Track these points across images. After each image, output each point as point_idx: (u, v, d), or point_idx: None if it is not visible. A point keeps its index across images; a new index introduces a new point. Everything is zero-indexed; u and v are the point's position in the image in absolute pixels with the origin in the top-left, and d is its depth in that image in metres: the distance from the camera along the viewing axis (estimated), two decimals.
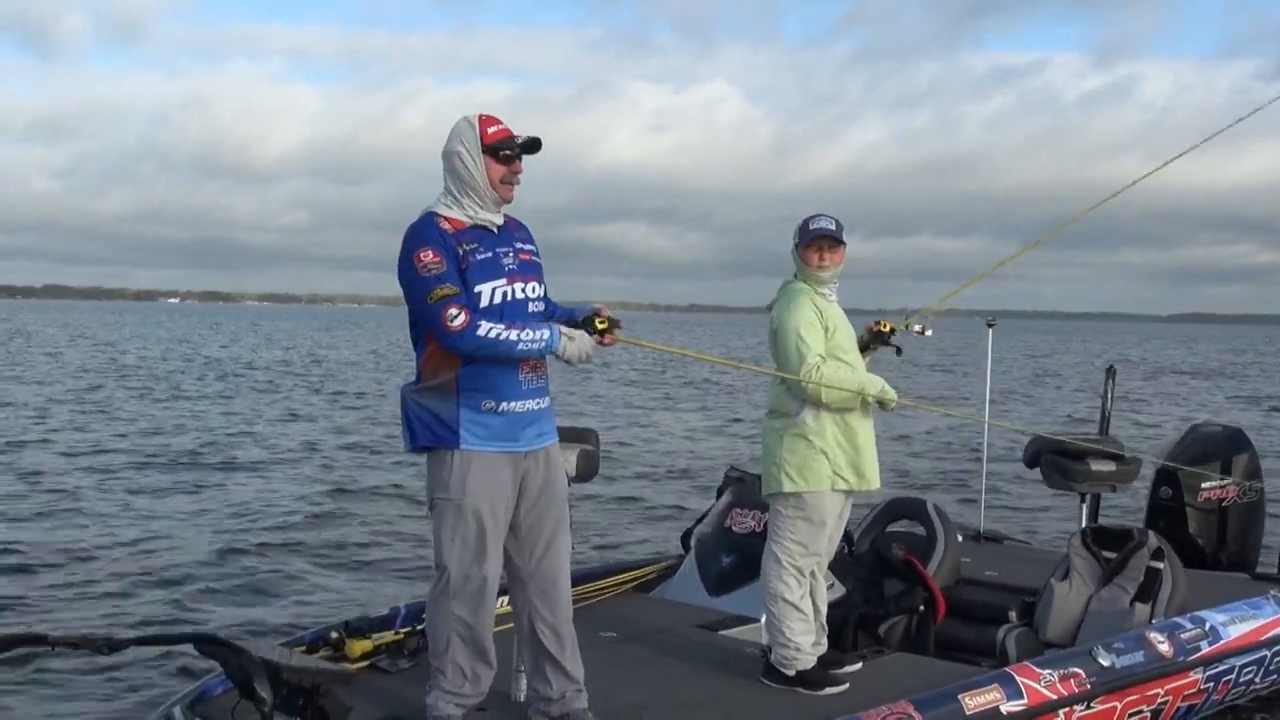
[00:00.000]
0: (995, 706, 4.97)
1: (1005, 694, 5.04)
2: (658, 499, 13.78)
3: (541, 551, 4.68)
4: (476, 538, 4.52)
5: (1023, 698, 5.08)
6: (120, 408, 24.07)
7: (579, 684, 4.76)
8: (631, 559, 7.84)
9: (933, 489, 14.12)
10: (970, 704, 4.91)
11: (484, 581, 4.55)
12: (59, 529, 11.21)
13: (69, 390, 28.26)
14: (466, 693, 4.66)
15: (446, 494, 4.53)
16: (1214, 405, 31.39)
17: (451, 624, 4.58)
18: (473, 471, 4.49)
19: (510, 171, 4.57)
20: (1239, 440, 8.26)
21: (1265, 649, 6.29)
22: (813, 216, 5.39)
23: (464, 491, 4.49)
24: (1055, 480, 7.54)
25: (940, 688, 4.97)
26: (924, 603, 6.65)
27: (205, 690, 4.92)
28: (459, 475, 4.50)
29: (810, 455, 5.23)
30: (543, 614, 4.70)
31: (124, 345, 56.14)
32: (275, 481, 14.55)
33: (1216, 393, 36.75)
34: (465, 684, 4.65)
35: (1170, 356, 66.85)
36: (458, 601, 4.55)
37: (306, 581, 9.44)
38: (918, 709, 4.78)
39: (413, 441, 4.60)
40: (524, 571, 4.70)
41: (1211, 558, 7.99)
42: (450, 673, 4.63)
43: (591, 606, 6.49)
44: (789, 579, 5.29)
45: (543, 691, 4.75)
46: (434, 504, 4.59)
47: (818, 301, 5.34)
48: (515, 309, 4.54)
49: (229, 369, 38.57)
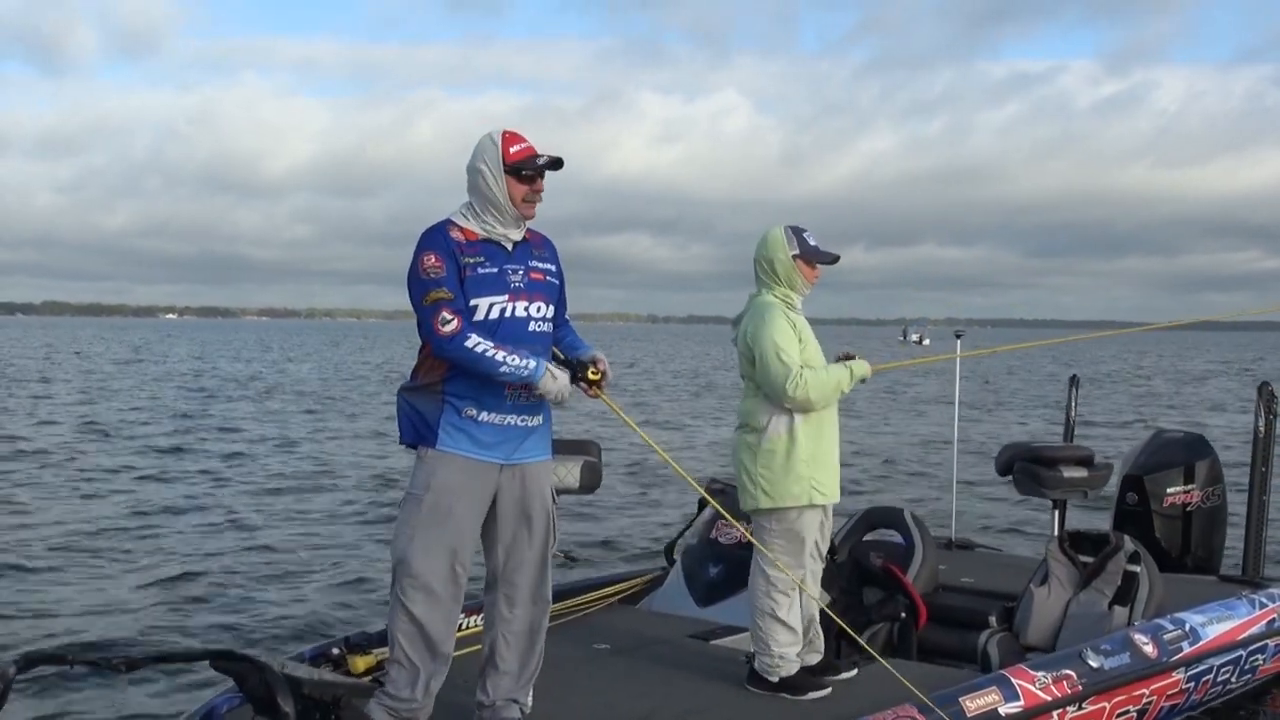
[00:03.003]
0: (994, 709, 5.07)
1: (1003, 696, 5.14)
2: (635, 509, 13.85)
3: (515, 564, 4.75)
4: (431, 533, 4.57)
5: (1019, 700, 5.18)
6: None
7: (516, 700, 4.81)
8: (615, 572, 7.87)
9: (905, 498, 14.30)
10: (971, 706, 5.00)
11: (434, 577, 4.58)
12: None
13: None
14: (406, 698, 4.66)
15: (414, 489, 4.64)
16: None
17: (399, 619, 4.64)
18: (442, 472, 4.58)
19: (532, 190, 4.61)
20: (1200, 446, 8.44)
21: (1241, 649, 6.46)
22: (805, 230, 5.45)
23: (429, 488, 4.59)
24: (1027, 486, 7.67)
25: (940, 690, 5.06)
26: (905, 610, 6.75)
27: (213, 709, 4.90)
28: (429, 473, 4.60)
29: (784, 470, 5.27)
30: (505, 621, 4.78)
31: (177, 362, 55.88)
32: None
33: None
34: (407, 689, 4.65)
35: (1154, 365, 67.21)
36: (407, 596, 4.60)
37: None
38: (921, 712, 4.86)
39: (400, 437, 4.73)
40: (498, 582, 4.79)
41: (1177, 561, 8.15)
42: (395, 674, 4.68)
43: (579, 620, 6.52)
44: (777, 595, 5.35)
45: (479, 696, 4.82)
46: (404, 498, 4.71)
47: (790, 314, 5.37)
48: (513, 327, 4.58)
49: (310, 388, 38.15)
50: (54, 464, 17.15)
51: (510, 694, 4.79)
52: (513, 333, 4.57)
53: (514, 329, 4.58)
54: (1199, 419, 27.32)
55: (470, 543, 4.68)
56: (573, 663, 5.71)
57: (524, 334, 4.61)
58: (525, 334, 4.62)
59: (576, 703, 5.17)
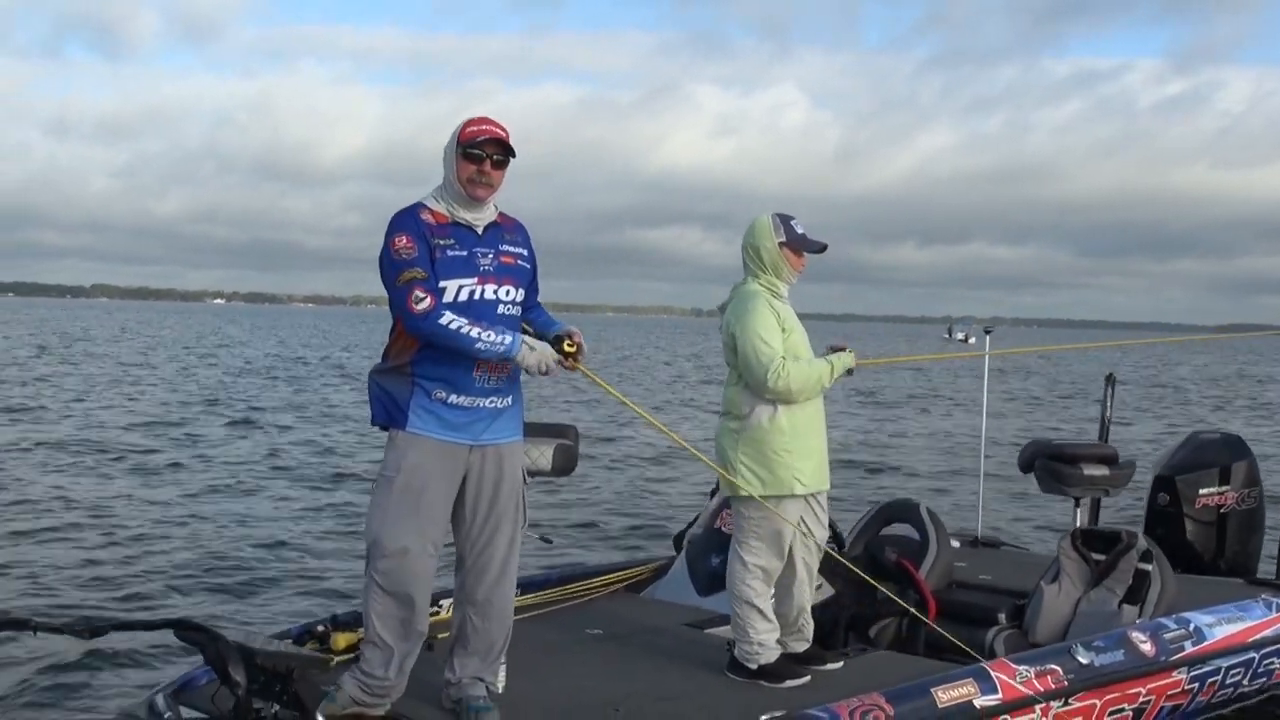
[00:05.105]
0: (969, 700, 5.00)
1: (979, 688, 5.07)
2: (653, 500, 13.90)
3: (484, 544, 4.79)
4: (403, 514, 4.63)
5: (997, 692, 5.11)
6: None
7: (483, 678, 4.86)
8: (623, 559, 7.90)
9: (930, 493, 14.19)
10: (943, 697, 4.94)
11: (404, 554, 4.63)
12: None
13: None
14: (380, 676, 4.72)
15: (386, 471, 4.71)
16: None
17: (373, 600, 4.70)
18: (412, 454, 4.64)
19: (479, 171, 4.64)
20: (1237, 447, 8.26)
21: (1253, 651, 6.29)
22: (793, 218, 5.43)
23: (399, 469, 4.65)
24: (1049, 484, 7.57)
25: (912, 681, 5.02)
26: (915, 605, 6.71)
27: (191, 679, 5.02)
28: (400, 455, 4.66)
29: (767, 458, 5.27)
30: (473, 600, 4.82)
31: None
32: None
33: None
34: (380, 668, 4.72)
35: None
36: (381, 576, 4.66)
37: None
38: (889, 701, 4.82)
39: (372, 419, 4.80)
40: (466, 562, 4.84)
41: (1210, 564, 7.99)
42: (369, 654, 4.74)
43: (580, 606, 6.57)
44: (754, 582, 5.35)
45: (446, 674, 4.87)
46: (376, 480, 4.77)
47: (774, 303, 5.36)
48: (482, 309, 4.63)
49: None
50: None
51: (478, 673, 4.85)
52: (481, 315, 4.62)
53: (482, 312, 4.63)
54: (1242, 422, 26.73)
55: (442, 523, 4.75)
56: (562, 646, 5.76)
57: (493, 317, 4.66)
58: (494, 317, 4.66)
59: (554, 685, 5.21)
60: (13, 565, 9.42)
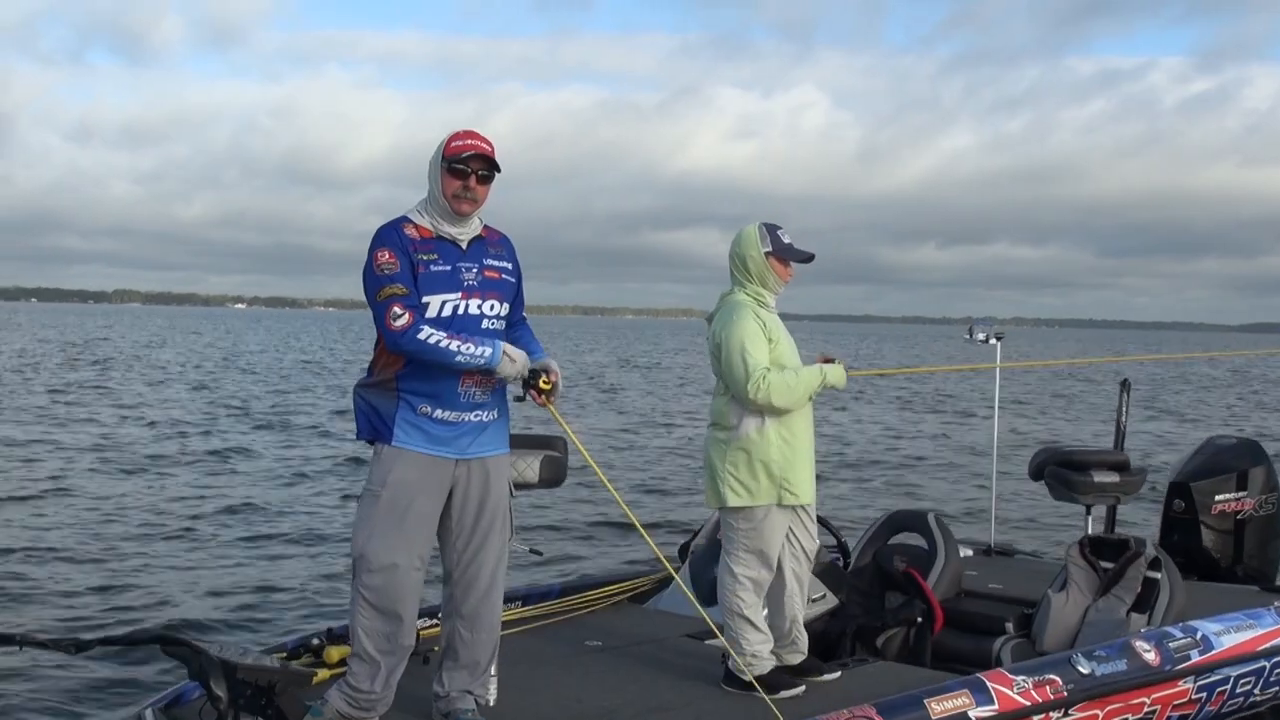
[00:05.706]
0: (963, 712, 4.95)
1: (975, 700, 5.02)
2: (660, 510, 13.88)
3: (471, 557, 4.78)
4: (389, 528, 4.62)
5: (993, 703, 5.05)
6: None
7: (472, 691, 4.84)
8: (627, 569, 7.86)
9: (944, 503, 14.10)
10: (936, 709, 4.89)
11: (392, 570, 4.62)
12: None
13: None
14: (366, 690, 4.71)
15: (371, 485, 4.70)
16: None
17: (360, 613, 4.68)
18: (397, 467, 4.63)
19: (463, 187, 4.64)
20: (1255, 453, 8.15)
21: (1264, 659, 6.20)
22: (780, 228, 5.41)
23: (385, 484, 4.64)
24: (1059, 492, 7.48)
25: (906, 692, 4.97)
26: (922, 614, 6.66)
27: (182, 694, 5.03)
28: (385, 470, 4.65)
29: (753, 469, 5.24)
30: (461, 614, 4.80)
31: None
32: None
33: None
34: (367, 682, 4.71)
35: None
36: (367, 589, 4.65)
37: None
38: (880, 712, 4.78)
39: (358, 433, 4.79)
40: (454, 575, 4.82)
41: (1228, 571, 7.89)
42: (356, 667, 4.73)
43: (582, 617, 6.55)
44: (743, 594, 5.32)
45: (435, 688, 4.86)
46: (361, 494, 4.77)
47: (760, 313, 5.33)
48: (465, 324, 4.63)
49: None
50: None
51: (466, 686, 4.84)
52: (465, 330, 4.62)
53: (466, 327, 4.63)
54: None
55: (428, 537, 4.74)
56: (559, 658, 5.74)
57: (477, 331, 4.66)
58: (478, 331, 4.66)
59: (546, 696, 5.20)
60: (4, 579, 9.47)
